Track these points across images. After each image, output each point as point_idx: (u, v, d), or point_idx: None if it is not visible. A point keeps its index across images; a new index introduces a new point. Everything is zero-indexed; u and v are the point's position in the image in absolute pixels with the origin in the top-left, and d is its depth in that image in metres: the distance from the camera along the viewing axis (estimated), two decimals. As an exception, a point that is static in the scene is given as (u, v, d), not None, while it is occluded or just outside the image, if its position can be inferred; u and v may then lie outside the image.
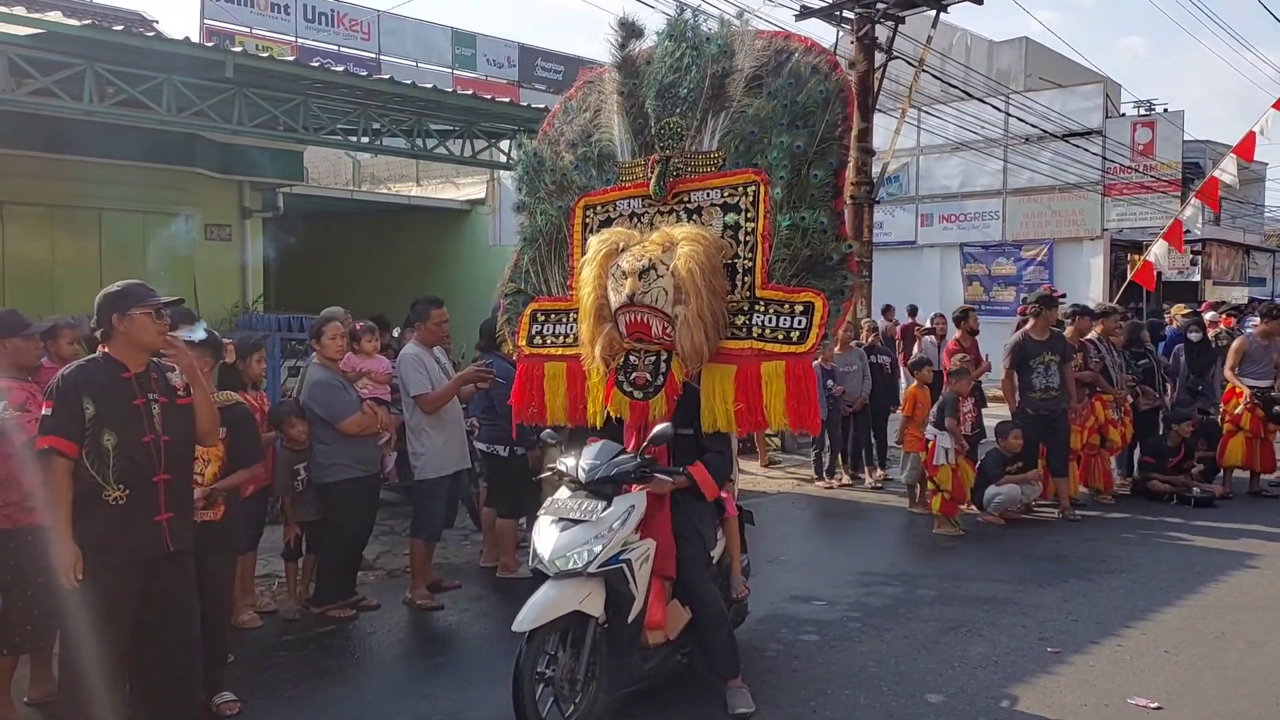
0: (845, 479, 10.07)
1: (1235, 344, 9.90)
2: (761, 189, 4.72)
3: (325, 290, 14.21)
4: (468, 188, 16.52)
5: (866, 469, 10.25)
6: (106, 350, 3.79)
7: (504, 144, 10.99)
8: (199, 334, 4.62)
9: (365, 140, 9.94)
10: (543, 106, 10.64)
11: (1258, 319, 10.44)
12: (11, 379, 4.54)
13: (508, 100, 10.99)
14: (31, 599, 4.43)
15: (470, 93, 10.04)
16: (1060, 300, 9.71)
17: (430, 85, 9.60)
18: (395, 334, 8.16)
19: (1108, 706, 4.63)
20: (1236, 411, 9.40)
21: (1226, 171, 13.43)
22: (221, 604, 4.62)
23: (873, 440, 10.42)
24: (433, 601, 6.20)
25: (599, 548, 4.18)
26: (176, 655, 3.85)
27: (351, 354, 6.32)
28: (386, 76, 9.02)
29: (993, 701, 4.68)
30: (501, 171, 15.36)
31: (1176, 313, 12.34)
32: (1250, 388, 9.42)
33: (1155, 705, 4.62)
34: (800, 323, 4.54)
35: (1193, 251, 23.48)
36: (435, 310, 6.30)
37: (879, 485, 9.99)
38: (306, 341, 8.95)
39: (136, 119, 8.15)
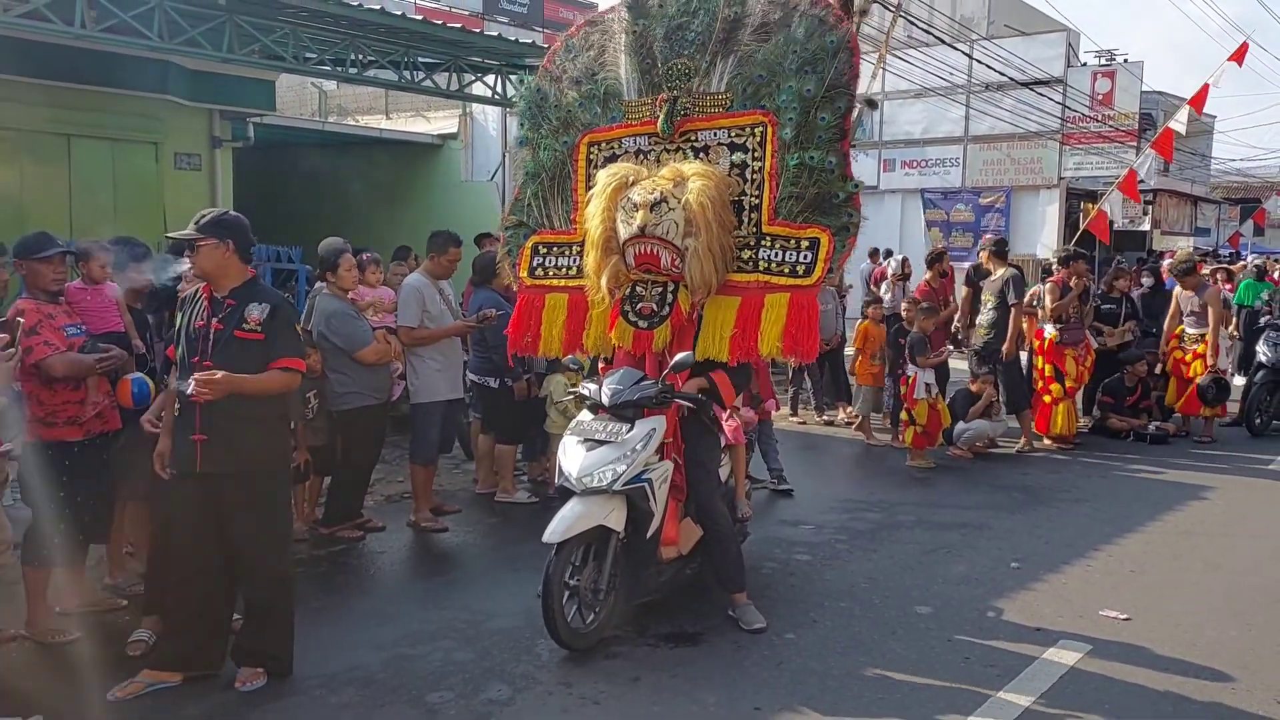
0: (824, 417, 10.41)
1: (1174, 305, 10.18)
2: (769, 130, 4.87)
3: (294, 223, 14.13)
4: (439, 121, 16.41)
5: (838, 405, 10.59)
6: None
7: (489, 78, 10.97)
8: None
9: (353, 71, 9.88)
10: (529, 41, 10.67)
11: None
12: (33, 301, 4.62)
13: (496, 34, 10.96)
14: (57, 513, 4.56)
15: (459, 26, 10.02)
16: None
17: (408, 15, 9.60)
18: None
19: (1082, 617, 5.02)
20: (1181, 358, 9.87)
21: (1179, 122, 13.81)
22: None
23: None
24: (436, 524, 6.42)
25: (623, 467, 4.43)
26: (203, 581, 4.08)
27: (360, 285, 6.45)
28: (377, 7, 8.97)
29: (978, 613, 5.05)
30: (475, 107, 15.31)
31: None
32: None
33: (1125, 617, 5.02)
34: (806, 257, 4.73)
35: (1145, 201, 24.05)
36: (453, 248, 6.48)
37: (852, 421, 10.35)
38: (301, 272, 9.05)
39: (128, 44, 8.05)
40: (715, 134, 5.04)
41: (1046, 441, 9.23)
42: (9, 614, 4.56)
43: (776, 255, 4.81)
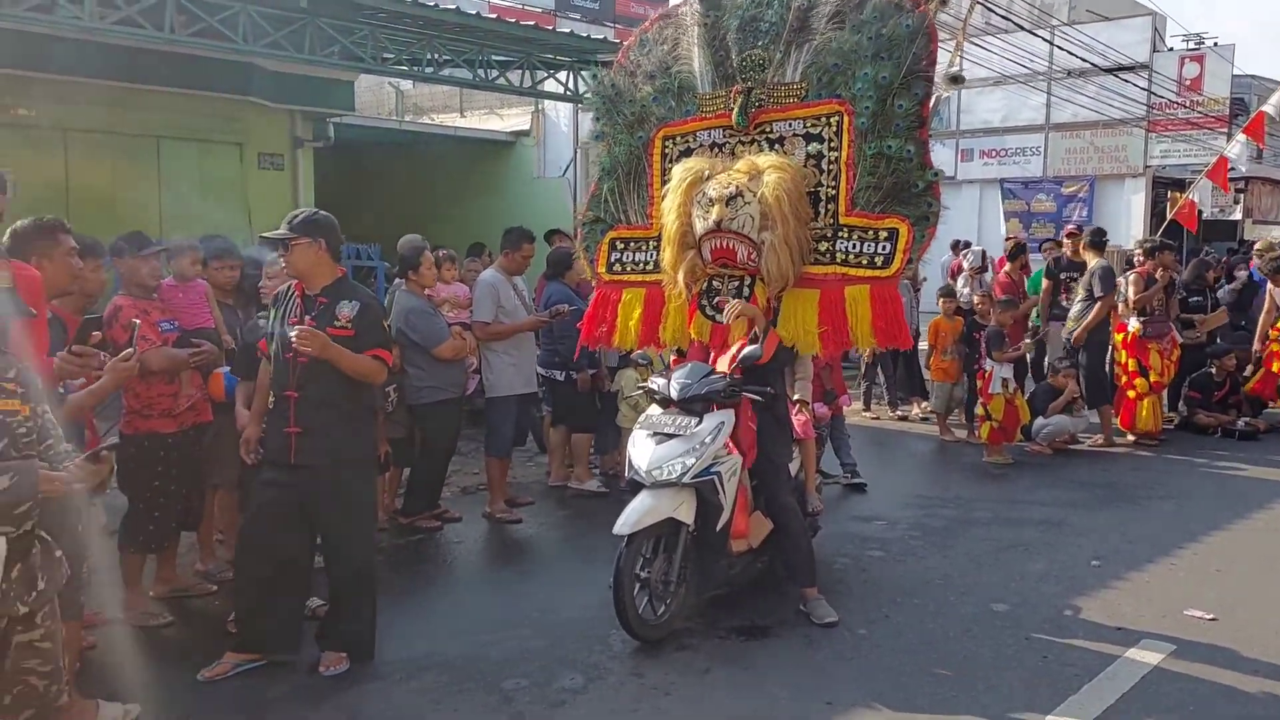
0: (897, 412, 10.30)
1: (1268, 300, 9.85)
2: (845, 119, 4.82)
3: (372, 220, 14.41)
4: (512, 118, 16.60)
5: (912, 400, 10.46)
6: None
7: (560, 74, 11.08)
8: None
9: (428, 70, 10.07)
10: (601, 38, 10.74)
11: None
12: (129, 297, 4.81)
13: (569, 31, 11.07)
14: (152, 501, 4.77)
15: (532, 24, 10.14)
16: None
17: (482, 14, 9.75)
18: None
19: (1165, 617, 4.90)
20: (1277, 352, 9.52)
21: (1273, 105, 13.28)
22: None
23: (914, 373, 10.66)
24: (511, 515, 6.54)
25: (692, 460, 4.45)
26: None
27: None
28: (452, 6, 9.13)
29: (1056, 610, 4.96)
30: (547, 103, 15.46)
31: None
32: None
33: (1211, 617, 4.88)
34: (884, 248, 4.69)
35: (1235, 190, 23.19)
36: (527, 244, 6.61)
37: (926, 416, 10.22)
38: (380, 269, 9.27)
39: (214, 48, 8.33)
40: (790, 125, 5.01)
41: (1130, 437, 9.00)
42: (106, 598, 4.75)
43: (854, 246, 4.77)
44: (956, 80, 5.10)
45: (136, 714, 3.75)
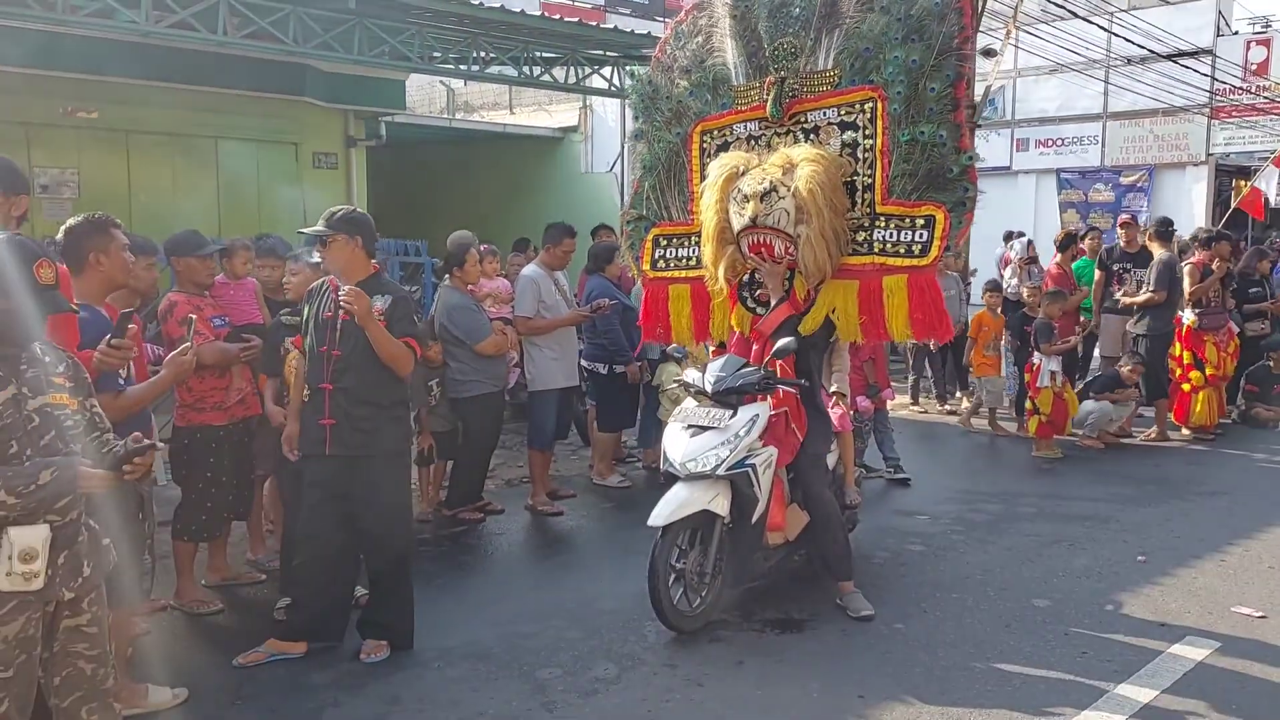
0: (946, 406, 10.20)
1: None
2: (879, 105, 4.77)
3: (422, 217, 14.59)
4: (560, 114, 16.68)
5: (962, 394, 10.34)
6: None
7: (605, 70, 11.13)
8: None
9: (475, 69, 10.19)
10: (645, 33, 10.77)
11: None
12: (183, 294, 4.96)
13: (613, 26, 11.11)
14: (204, 492, 4.92)
15: (577, 20, 10.20)
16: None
17: (528, 10, 9.84)
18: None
19: (1211, 614, 4.81)
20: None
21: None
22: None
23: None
24: (552, 508, 6.62)
25: (726, 452, 4.48)
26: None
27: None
28: (497, 5, 9.21)
29: (1098, 606, 4.90)
30: (594, 99, 15.51)
31: None
32: None
33: (1260, 614, 4.79)
34: (921, 236, 4.64)
35: (1304, 177, 22.47)
36: (568, 239, 6.68)
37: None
38: (427, 265, 9.40)
39: (264, 49, 8.52)
40: (824, 113, 4.98)
41: (1185, 432, 8.82)
42: (159, 585, 4.90)
43: (891, 235, 4.74)
44: (989, 54, 5.01)
45: (185, 698, 3.89)
